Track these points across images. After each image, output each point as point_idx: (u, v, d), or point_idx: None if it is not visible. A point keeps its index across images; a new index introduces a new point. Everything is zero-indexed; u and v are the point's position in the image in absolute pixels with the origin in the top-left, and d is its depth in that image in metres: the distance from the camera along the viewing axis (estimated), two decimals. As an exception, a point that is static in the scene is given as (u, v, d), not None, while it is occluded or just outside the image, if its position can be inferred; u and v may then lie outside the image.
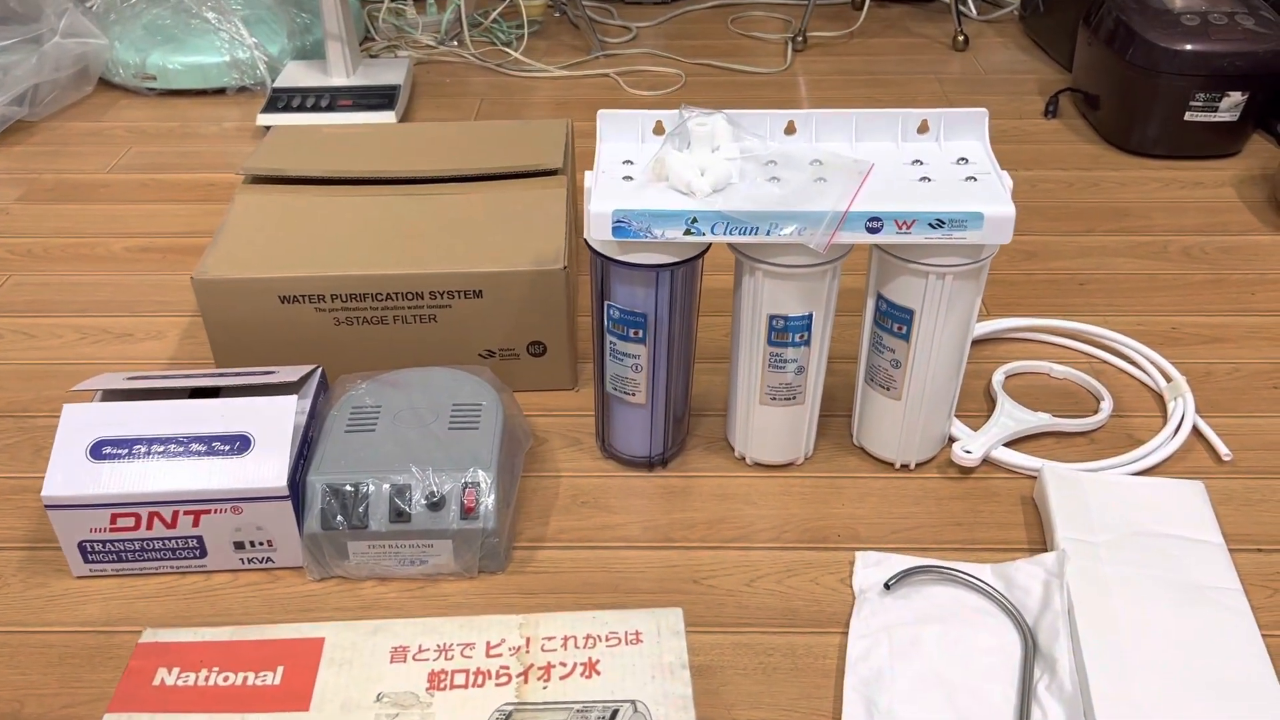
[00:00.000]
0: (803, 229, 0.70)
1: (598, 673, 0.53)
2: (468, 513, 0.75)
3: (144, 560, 0.76)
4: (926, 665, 0.69)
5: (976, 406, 0.92)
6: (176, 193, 1.27)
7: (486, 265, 0.87)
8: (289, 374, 0.82)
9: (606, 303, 0.78)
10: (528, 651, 0.54)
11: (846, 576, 0.77)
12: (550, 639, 0.55)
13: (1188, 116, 1.26)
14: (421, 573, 0.77)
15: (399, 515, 0.74)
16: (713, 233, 0.71)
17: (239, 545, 0.76)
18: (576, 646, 0.54)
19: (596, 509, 0.83)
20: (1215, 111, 1.25)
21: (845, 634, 0.72)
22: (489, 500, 0.75)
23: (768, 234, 0.71)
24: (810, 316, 0.77)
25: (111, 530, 0.74)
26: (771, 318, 0.77)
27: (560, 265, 0.87)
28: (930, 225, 0.71)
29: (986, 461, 0.86)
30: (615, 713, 0.50)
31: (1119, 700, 0.64)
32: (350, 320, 0.89)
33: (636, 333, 0.77)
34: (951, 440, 0.87)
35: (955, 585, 0.74)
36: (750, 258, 0.74)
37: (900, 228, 0.71)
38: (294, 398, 0.77)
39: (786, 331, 0.77)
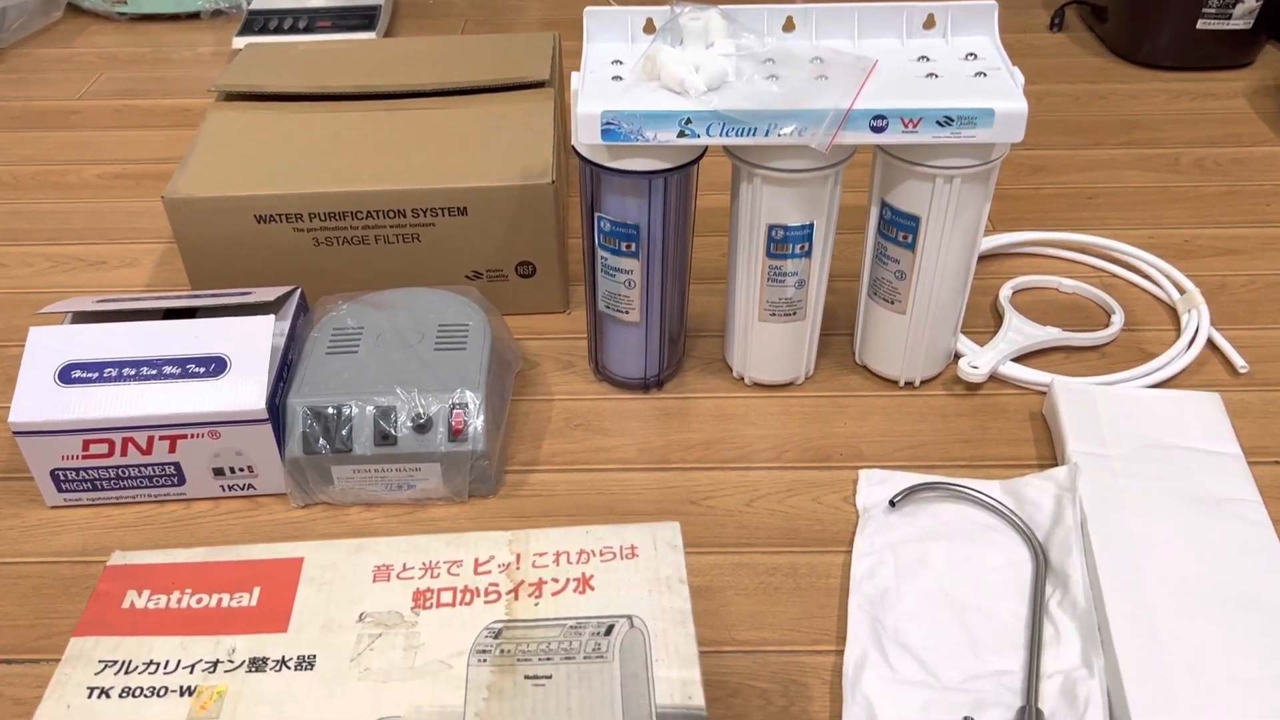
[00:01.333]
0: (803, 129, 0.66)
1: (591, 588, 0.50)
2: (456, 435, 0.72)
3: (120, 489, 0.73)
4: (934, 583, 0.66)
5: (983, 322, 0.89)
6: (150, 119, 1.22)
7: (471, 180, 0.83)
8: (266, 295, 0.78)
9: (597, 215, 0.74)
10: (518, 568, 0.51)
11: (849, 495, 0.74)
12: (541, 555, 0.52)
13: (1200, 25, 1.21)
14: (410, 497, 0.74)
15: (384, 438, 0.71)
16: (708, 134, 0.67)
17: (218, 472, 0.73)
18: (569, 562, 0.52)
19: (590, 432, 0.80)
20: (1228, 19, 1.20)
21: (849, 553, 0.69)
22: (478, 422, 0.72)
23: (766, 135, 0.67)
24: (811, 226, 0.73)
25: (84, 457, 0.71)
26: (771, 228, 0.73)
27: (548, 179, 0.83)
28: (938, 123, 0.67)
29: (994, 377, 0.83)
30: (610, 628, 0.48)
31: (1134, 614, 0.61)
32: (330, 241, 0.85)
33: (629, 246, 0.74)
34: (957, 356, 0.83)
35: (963, 502, 0.72)
36: (748, 163, 0.70)
37: (906, 126, 0.67)
38: (271, 317, 0.74)
39: (786, 242, 0.74)
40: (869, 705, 0.60)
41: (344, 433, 0.71)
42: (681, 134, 0.67)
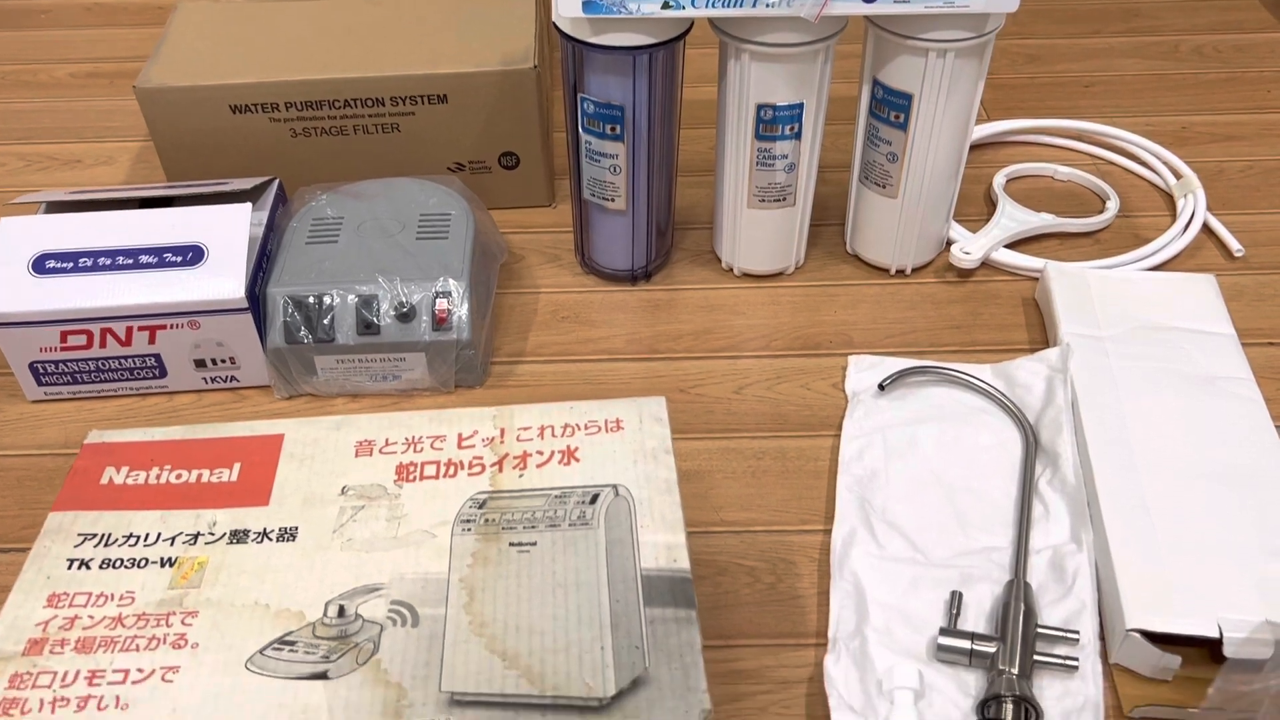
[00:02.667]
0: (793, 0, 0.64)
1: (576, 460, 0.49)
2: (440, 323, 0.71)
3: (101, 382, 0.72)
4: (923, 465, 0.66)
5: (976, 211, 0.87)
6: (122, 17, 1.18)
7: (451, 67, 0.81)
8: (243, 184, 0.76)
9: (580, 96, 0.72)
10: (502, 442, 0.51)
11: (839, 382, 0.73)
12: (526, 429, 0.51)
13: (1203, -91, 1.17)
14: (395, 388, 0.73)
15: (367, 327, 0.70)
16: (693, 5, 0.65)
17: (200, 364, 0.72)
18: (554, 435, 0.51)
19: (577, 323, 0.79)
20: (1233, -97, 1.16)
21: (837, 437, 0.69)
22: (462, 310, 0.71)
23: (754, 5, 0.65)
24: (801, 106, 0.71)
25: (63, 350, 0.70)
26: (760, 107, 0.71)
27: (530, 64, 0.81)
28: (931, -8, 0.65)
29: (986, 264, 0.81)
30: (595, 497, 0.47)
31: (1125, 488, 0.61)
32: (308, 131, 0.83)
33: (613, 129, 0.72)
34: (949, 243, 0.82)
35: (953, 386, 0.71)
36: (735, 38, 0.68)
37: (898, -4, 0.65)
38: (248, 205, 0.72)
39: (775, 123, 0.72)
40: (856, 581, 0.60)
41: (326, 322, 0.70)
42: (666, 5, 0.65)
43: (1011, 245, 0.82)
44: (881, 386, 0.70)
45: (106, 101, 1.04)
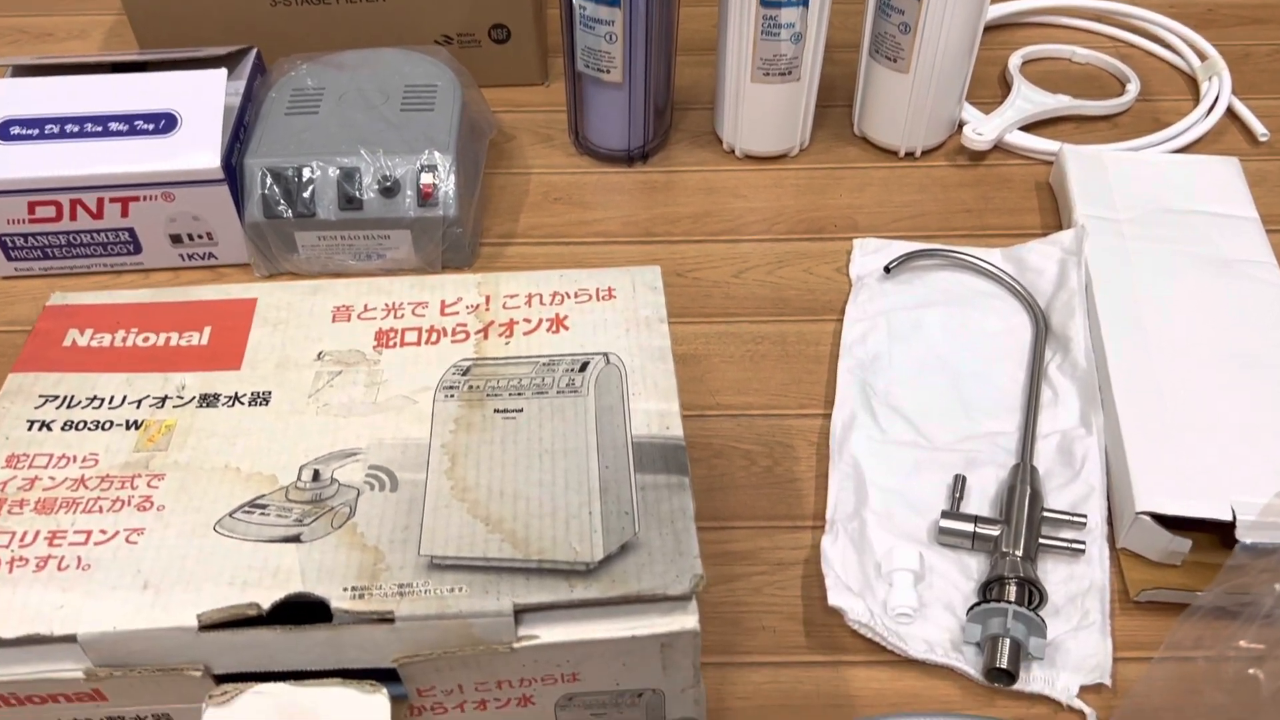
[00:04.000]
0: None
1: (565, 328, 0.47)
2: (425, 199, 0.67)
3: (73, 257, 0.69)
4: (927, 349, 0.64)
5: (989, 94, 0.83)
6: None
7: (439, -70, 0.76)
8: (218, 52, 0.72)
9: (574, -43, 0.67)
10: (487, 310, 0.48)
11: (842, 266, 0.70)
12: (513, 296, 0.49)
13: None
14: (380, 268, 0.70)
15: (349, 202, 0.67)
16: None
17: (176, 239, 0.69)
18: (542, 304, 0.48)
19: (571, 205, 0.76)
20: None
21: (840, 321, 0.66)
22: (449, 185, 0.67)
23: None
24: (808, -31, 0.67)
25: (31, 221, 0.67)
26: (764, -29, 0.67)
27: (523, -72, 0.76)
28: None
29: (999, 147, 0.78)
30: (585, 365, 0.45)
31: (1138, 371, 0.58)
32: (288, 0, 0.79)
33: (610, -8, 0.68)
34: (961, 126, 0.78)
35: (961, 270, 0.68)
36: (740, -108, 0.64)
37: None
38: (223, 71, 0.68)
39: (781, -12, 0.68)
40: (856, 464, 0.58)
41: (306, 196, 0.67)
42: None
43: (1026, 128, 0.78)
44: (887, 269, 0.67)
45: (79, -26, 0.99)
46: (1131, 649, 0.51)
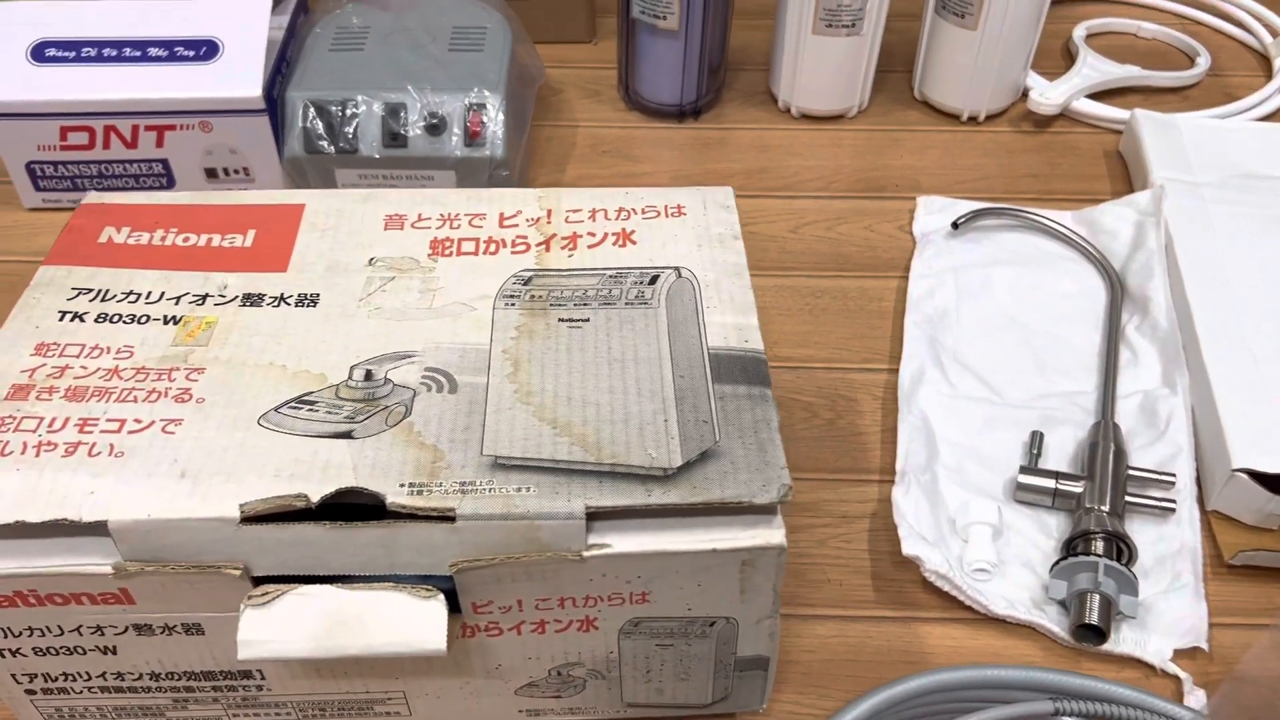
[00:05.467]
0: None
1: (633, 242, 0.44)
2: (473, 138, 0.65)
3: (104, 190, 0.66)
4: (996, 307, 0.60)
5: (1053, 65, 0.80)
6: None
7: (493, -127, 0.74)
8: (263, -14, 0.70)
9: (637, -107, 0.65)
10: (549, 223, 0.45)
11: (905, 225, 0.67)
12: (576, 211, 0.46)
13: None
14: (421, 212, 0.67)
15: (393, 138, 0.64)
16: None
17: (211, 173, 0.66)
18: (606, 218, 0.45)
19: (620, 158, 0.73)
20: None
21: (904, 278, 0.63)
22: (497, 125, 0.65)
23: None
24: (879, -87, 0.65)
25: (62, 148, 0.64)
26: (834, -87, 0.64)
27: (580, -126, 0.74)
28: None
29: (1065, 115, 0.75)
30: (655, 278, 0.41)
31: (1227, 330, 0.55)
32: (334, -57, 0.76)
33: (672, -68, 0.65)
34: (1025, 94, 0.76)
35: (1030, 232, 0.65)
36: None
37: None
38: (268, 0, 0.66)
39: (850, -67, 0.65)
40: (925, 419, 0.54)
41: (349, 131, 0.64)
42: None
43: (1093, 98, 0.75)
44: (955, 225, 0.64)
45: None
46: (1227, 614, 0.47)
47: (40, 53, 0.63)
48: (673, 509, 0.34)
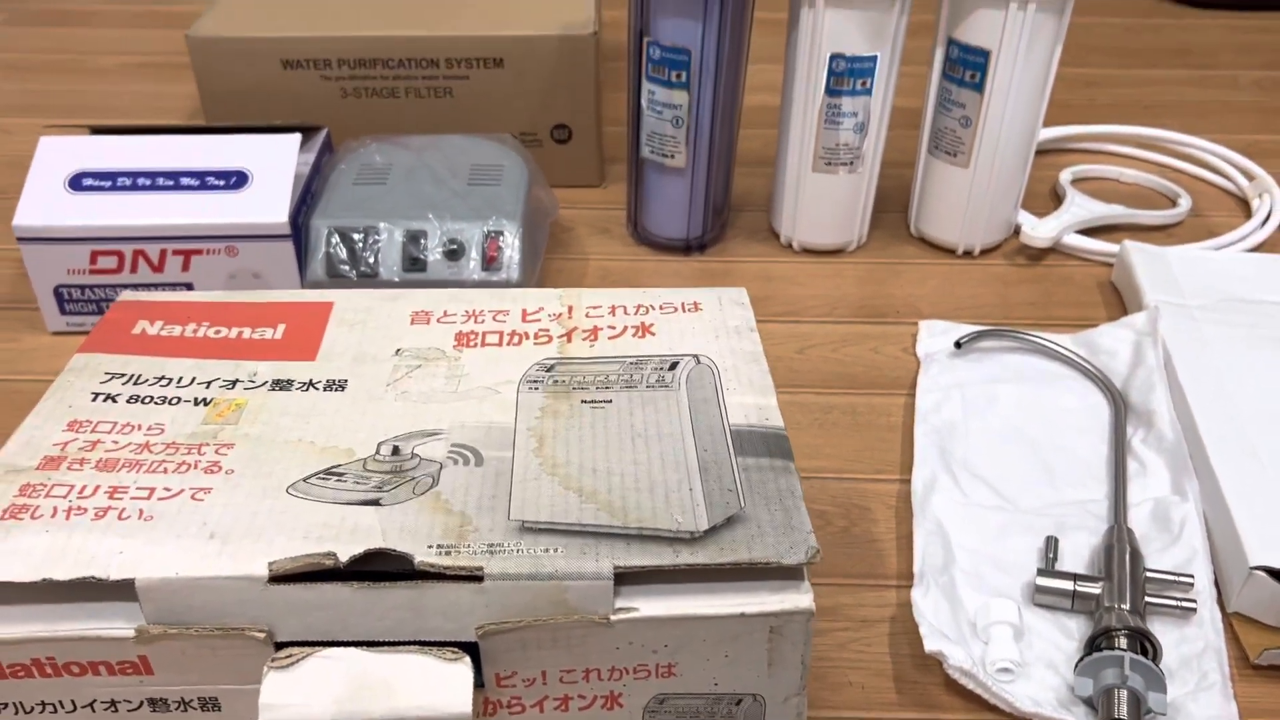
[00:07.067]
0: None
1: (652, 334, 0.45)
2: (490, 263, 0.67)
3: (127, 313, 0.68)
4: (1004, 421, 0.61)
5: (1042, 205, 0.84)
6: (178, 21, 1.18)
7: (508, 30, 0.79)
8: (290, 126, 0.74)
9: (646, 41, 0.70)
10: (570, 318, 0.46)
11: (909, 347, 0.69)
12: (595, 307, 0.47)
13: (1251, -41, 1.18)
14: (436, 335, 0.69)
15: (413, 263, 0.67)
16: (773, -64, 0.63)
17: (234, 297, 0.68)
18: (626, 313, 0.47)
19: (628, 286, 0.75)
20: (1281, -47, 1.17)
21: (911, 395, 0.64)
22: (514, 250, 0.67)
23: (835, -62, 0.63)
24: (875, 59, 0.69)
25: (91, 272, 0.67)
26: (832, 58, 0.69)
27: (590, 30, 0.79)
28: (1017, -69, 0.63)
29: (1057, 250, 0.78)
30: (675, 364, 0.43)
31: (1232, 438, 0.56)
32: (358, 92, 0.81)
33: (679, 75, 0.70)
34: (1017, 230, 0.79)
35: (1031, 353, 0.67)
36: (811, -20, 0.67)
37: (984, -67, 0.63)
38: (296, 135, 0.69)
39: (848, 77, 0.70)
40: (940, 525, 0.54)
41: (370, 256, 0.67)
42: (745, -66, 0.63)
43: (1082, 234, 0.79)
44: (958, 344, 0.66)
45: (153, 87, 1.03)
46: (1258, 716, 0.46)
47: (78, 182, 0.66)
48: (700, 570, 0.34)
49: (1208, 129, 0.96)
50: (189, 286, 0.67)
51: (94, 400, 0.41)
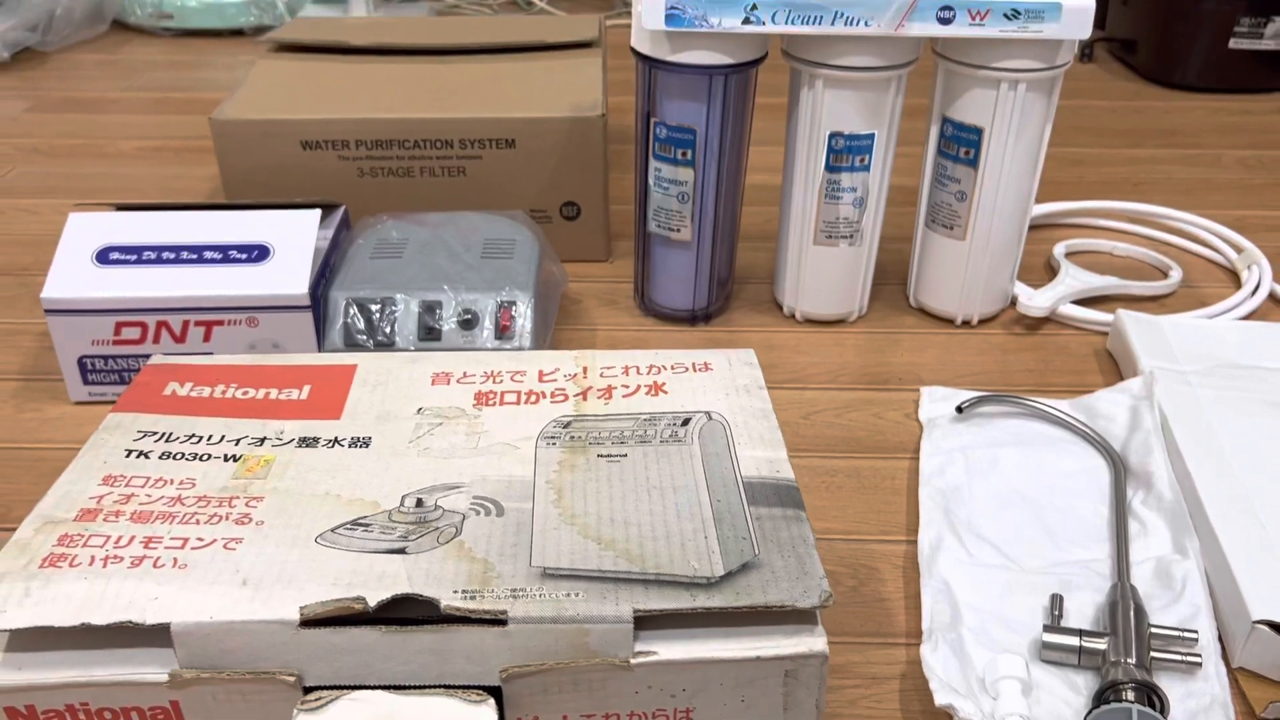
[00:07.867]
0: (870, 18, 0.66)
1: (664, 392, 0.47)
2: (503, 331, 0.69)
3: (148, 383, 0.70)
4: (1006, 483, 0.63)
5: (1038, 278, 0.86)
6: (194, 107, 1.23)
7: (519, 111, 0.83)
8: (309, 202, 0.77)
9: (653, 121, 0.73)
10: (585, 377, 0.48)
11: (911, 413, 0.71)
12: (609, 367, 0.49)
13: (1231, 44, 1.22)
14: (449, 403, 0.70)
15: (429, 332, 0.69)
16: (773, 21, 0.67)
17: (252, 367, 0.70)
18: (639, 373, 0.48)
19: (636, 358, 0.77)
20: (1260, 39, 1.22)
21: (914, 459, 0.66)
22: (526, 320, 0.69)
23: (832, 23, 0.66)
24: (873, 137, 0.72)
25: (115, 343, 0.68)
26: (831, 136, 0.72)
27: (598, 112, 0.83)
28: (1005, 16, 0.66)
29: (1053, 319, 0.80)
30: (687, 420, 0.44)
31: (1231, 498, 0.57)
32: (375, 171, 0.84)
33: (685, 154, 0.72)
34: (1014, 301, 0.81)
35: (1032, 418, 0.68)
36: (810, 63, 0.70)
37: (974, 18, 0.66)
38: (317, 211, 0.72)
39: (846, 153, 0.72)
40: (946, 585, 0.55)
41: (386, 326, 0.69)
42: (746, 20, 0.67)
43: (1076, 304, 0.81)
44: (960, 409, 0.67)
45: (172, 169, 1.06)
46: (1266, 768, 0.47)
47: (105, 256, 0.69)
48: (718, 613, 0.35)
49: (1194, 205, 0.99)
50: (209, 355, 0.69)
51: (128, 456, 0.42)
